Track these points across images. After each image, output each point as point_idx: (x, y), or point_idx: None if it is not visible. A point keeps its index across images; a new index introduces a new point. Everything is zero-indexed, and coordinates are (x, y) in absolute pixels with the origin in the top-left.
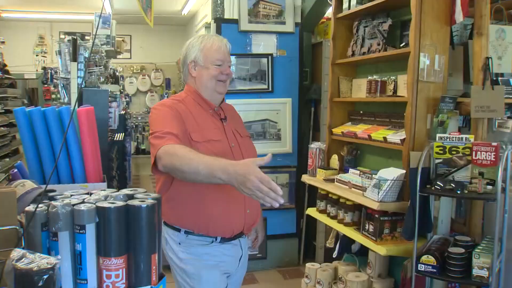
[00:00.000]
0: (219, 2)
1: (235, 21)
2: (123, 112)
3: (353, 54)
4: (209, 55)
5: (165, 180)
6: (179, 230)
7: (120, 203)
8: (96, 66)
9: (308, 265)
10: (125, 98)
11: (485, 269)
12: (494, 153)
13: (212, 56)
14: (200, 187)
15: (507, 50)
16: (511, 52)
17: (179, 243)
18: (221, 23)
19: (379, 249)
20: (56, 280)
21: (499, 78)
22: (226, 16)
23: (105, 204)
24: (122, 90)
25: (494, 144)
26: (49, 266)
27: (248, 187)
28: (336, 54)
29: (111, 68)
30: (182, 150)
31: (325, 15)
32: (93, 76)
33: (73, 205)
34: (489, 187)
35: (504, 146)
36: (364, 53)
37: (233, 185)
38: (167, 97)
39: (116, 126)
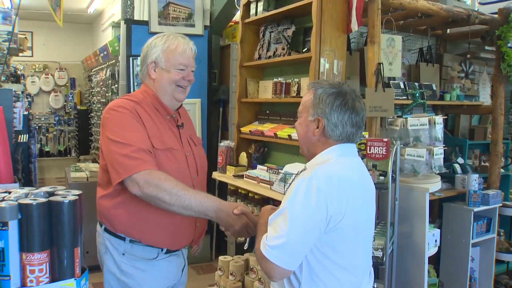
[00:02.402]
0: (129, 3)
1: (146, 23)
2: (26, 112)
3: (259, 58)
4: (172, 58)
5: (116, 186)
6: (123, 239)
7: (42, 199)
8: None
9: (221, 258)
10: (27, 98)
11: (380, 250)
12: (385, 148)
13: (175, 60)
14: None
15: (396, 57)
16: (400, 59)
17: (123, 254)
18: (132, 24)
19: None
20: None
21: (391, 81)
22: (136, 18)
23: (27, 201)
24: (23, 90)
25: (385, 139)
26: None
27: (234, 231)
28: (244, 57)
29: (12, 66)
30: (168, 183)
31: (233, 19)
32: None
33: None
34: (382, 177)
35: (394, 142)
36: (269, 57)
37: (219, 223)
38: (72, 97)
39: (21, 127)
